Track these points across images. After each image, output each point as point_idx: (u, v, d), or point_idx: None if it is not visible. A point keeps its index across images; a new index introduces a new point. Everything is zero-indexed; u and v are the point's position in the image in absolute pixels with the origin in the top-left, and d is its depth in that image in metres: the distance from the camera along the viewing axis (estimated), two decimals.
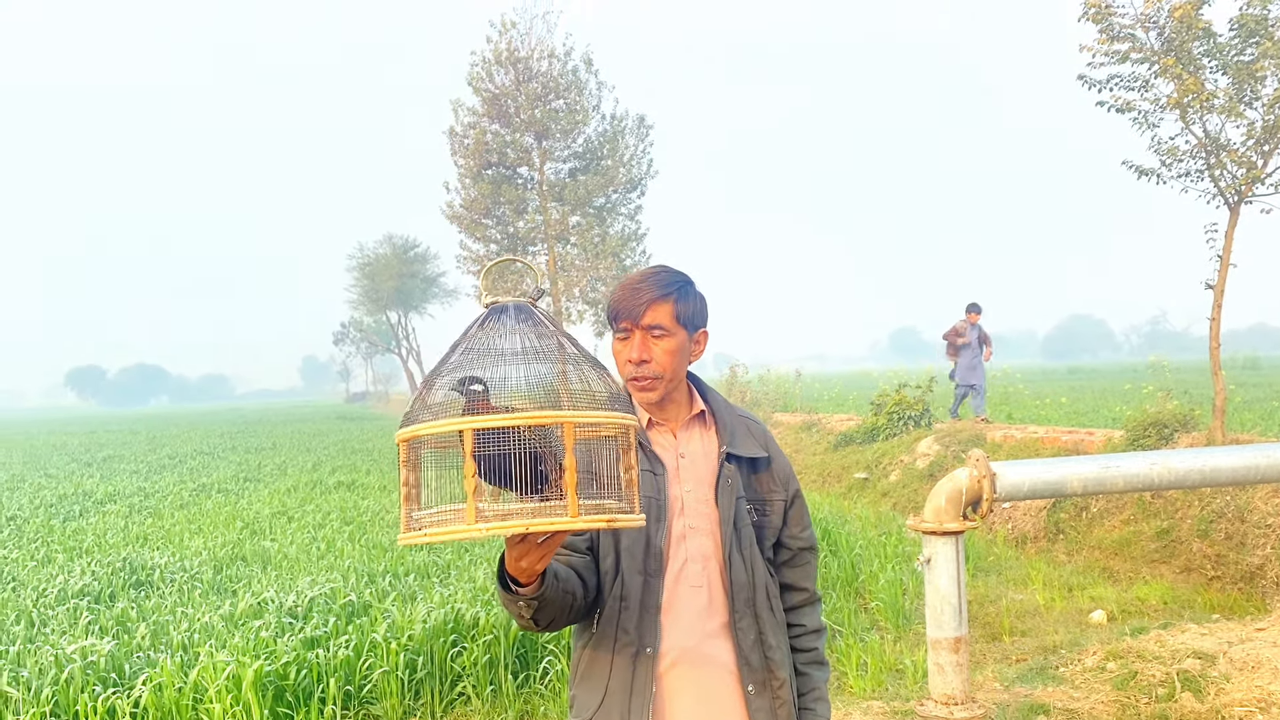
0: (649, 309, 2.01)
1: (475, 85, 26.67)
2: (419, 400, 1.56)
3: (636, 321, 2.01)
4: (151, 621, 6.59)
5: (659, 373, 2.03)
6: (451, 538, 1.45)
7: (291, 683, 5.25)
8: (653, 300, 2.01)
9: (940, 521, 3.77)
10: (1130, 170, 8.90)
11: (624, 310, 2.02)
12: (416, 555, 8.70)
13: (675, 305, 2.03)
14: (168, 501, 14.55)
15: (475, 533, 1.42)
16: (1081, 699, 4.87)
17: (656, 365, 2.02)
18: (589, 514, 1.49)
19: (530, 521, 1.44)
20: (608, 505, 1.56)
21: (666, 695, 1.99)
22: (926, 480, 12.12)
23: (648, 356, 2.01)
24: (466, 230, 27.31)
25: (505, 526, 1.44)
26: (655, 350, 2.02)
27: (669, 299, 2.03)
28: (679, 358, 2.06)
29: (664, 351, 2.02)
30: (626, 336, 2.04)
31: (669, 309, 2.02)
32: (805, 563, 2.22)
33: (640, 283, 2.04)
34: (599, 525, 1.50)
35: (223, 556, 9.44)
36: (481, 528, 1.43)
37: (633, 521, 1.56)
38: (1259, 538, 7.23)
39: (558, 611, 1.88)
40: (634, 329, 2.02)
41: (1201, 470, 3.94)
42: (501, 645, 5.63)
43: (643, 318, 2.01)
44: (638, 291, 2.02)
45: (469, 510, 1.44)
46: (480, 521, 1.44)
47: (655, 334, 2.02)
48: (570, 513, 1.45)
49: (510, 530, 1.44)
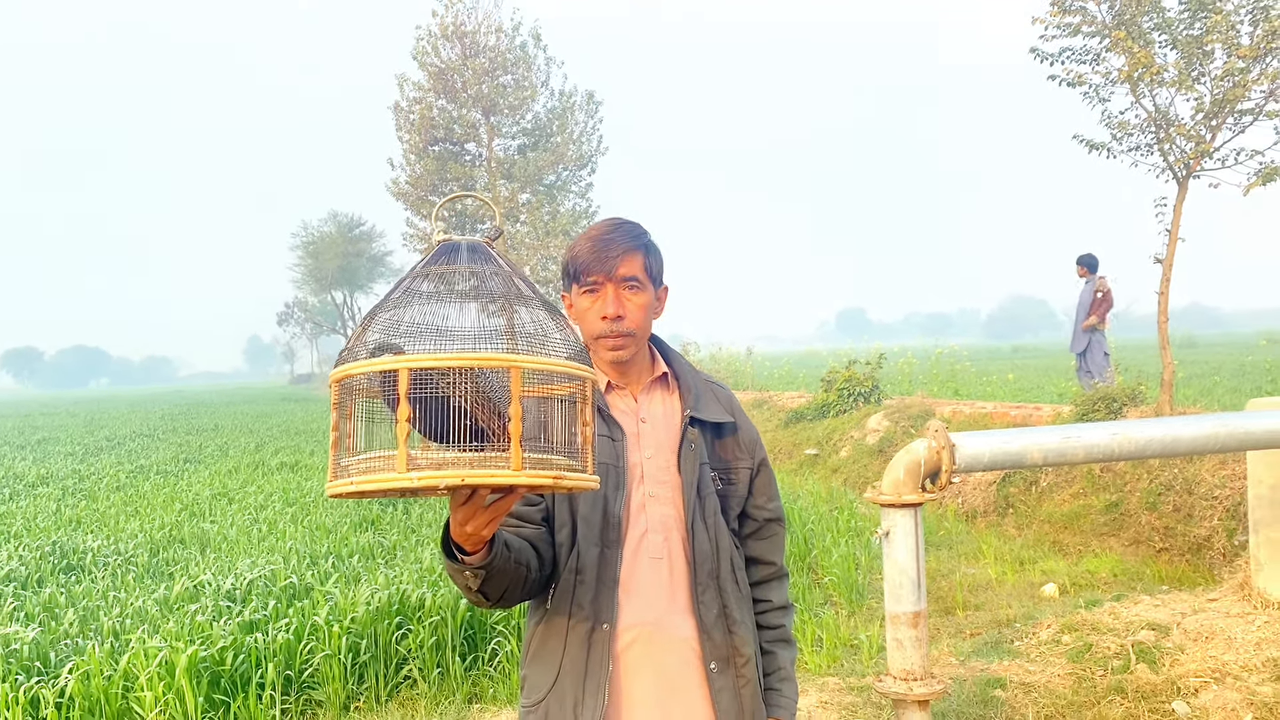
0: (623, 260, 1.86)
1: (421, 60, 26.22)
2: (356, 339, 1.40)
3: (610, 274, 1.86)
4: (81, 607, 6.32)
5: (632, 329, 1.88)
6: (381, 486, 1.29)
7: (228, 668, 5.05)
8: (626, 251, 1.87)
9: (899, 493, 3.66)
10: (1081, 144, 8.90)
11: (594, 263, 1.86)
12: (361, 536, 8.49)
13: (646, 258, 1.90)
14: (104, 484, 14.12)
15: (406, 481, 1.27)
16: (1038, 672, 4.83)
17: (631, 321, 1.88)
18: (534, 468, 1.33)
19: (467, 472, 1.28)
20: (555, 461, 1.39)
21: (624, 674, 1.84)
22: (877, 456, 12.14)
23: (623, 311, 1.86)
24: (413, 207, 26.92)
25: (439, 476, 1.27)
26: (629, 305, 1.87)
27: (640, 250, 1.89)
28: (649, 313, 1.93)
29: (637, 306, 1.88)
30: (596, 290, 1.88)
31: (640, 260, 1.89)
32: (772, 535, 2.09)
33: (609, 233, 1.89)
34: (543, 481, 1.33)
35: (160, 539, 9.15)
36: (413, 476, 1.27)
37: (583, 482, 1.40)
38: (1206, 509, 7.28)
39: (509, 583, 1.72)
40: (606, 282, 1.87)
41: (1163, 440, 3.89)
42: (449, 627, 5.47)
43: (617, 269, 1.86)
44: (609, 243, 1.87)
45: (400, 457, 1.28)
46: (413, 470, 1.28)
47: (630, 286, 1.87)
48: (513, 465, 1.30)
49: (445, 480, 1.28)
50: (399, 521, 9.42)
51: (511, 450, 1.30)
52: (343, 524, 9.33)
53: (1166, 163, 8.61)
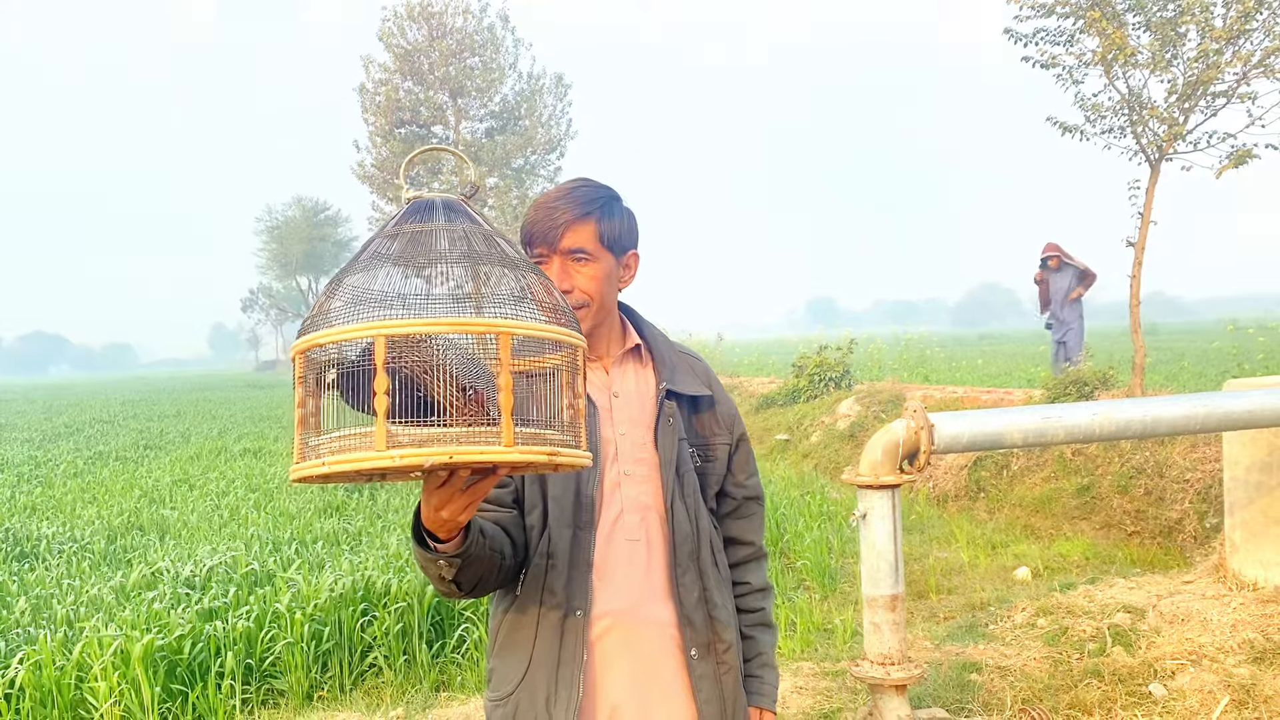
0: (567, 231, 1.72)
1: (386, 41, 25.84)
2: (319, 307, 1.26)
3: (554, 247, 1.73)
4: (33, 596, 6.13)
5: (583, 300, 1.74)
6: (357, 467, 1.14)
7: (186, 657, 4.89)
8: (571, 221, 1.73)
9: (876, 475, 3.57)
10: (1054, 126, 8.86)
11: (539, 233, 1.73)
12: (324, 521, 8.33)
13: (599, 225, 1.75)
14: (60, 470, 13.82)
15: (386, 460, 1.12)
16: (1014, 655, 4.78)
17: (581, 293, 1.74)
18: (527, 443, 1.20)
19: (455, 449, 1.14)
20: (548, 436, 1.25)
21: (599, 664, 1.72)
22: (848, 441, 12.10)
23: (568, 286, 1.72)
24: (378, 191, 26.56)
25: (425, 453, 1.13)
26: (578, 278, 1.73)
27: (590, 218, 1.74)
28: (606, 284, 1.78)
29: (588, 278, 1.74)
30: (543, 262, 1.74)
31: (591, 230, 1.74)
32: (751, 514, 1.98)
33: (557, 200, 1.75)
34: (538, 459, 1.21)
35: (117, 526, 8.93)
36: (395, 454, 1.12)
37: (579, 459, 1.28)
38: (1177, 492, 7.28)
39: (484, 572, 1.60)
40: (551, 255, 1.74)
41: (1143, 420, 3.83)
42: (415, 613, 5.33)
43: (560, 241, 1.72)
44: (554, 211, 1.73)
45: (379, 433, 1.13)
46: (394, 448, 1.13)
47: (577, 259, 1.74)
48: (504, 441, 1.16)
49: (430, 459, 1.14)
50: (364, 507, 9.26)
51: (503, 425, 1.16)
52: (306, 510, 9.15)
53: (1139, 145, 8.59)
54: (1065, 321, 11.68)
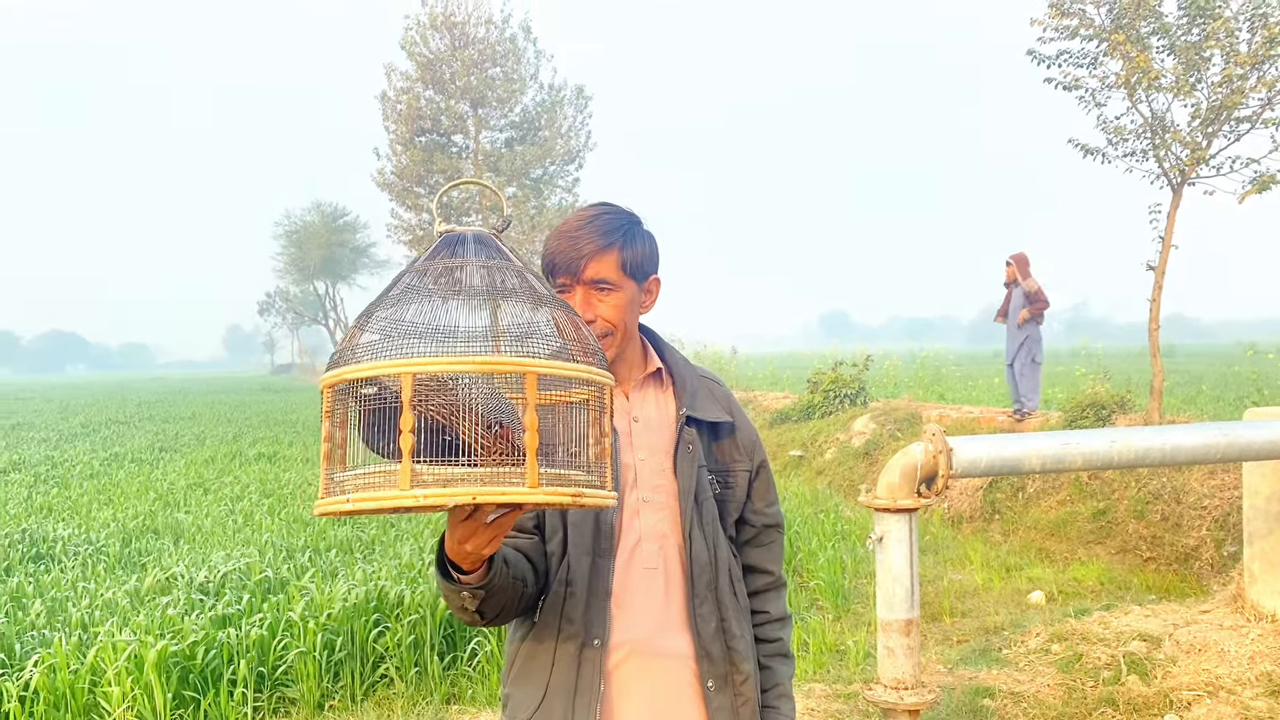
0: (590, 261, 1.72)
1: (409, 49, 26.02)
2: (349, 340, 1.27)
3: (577, 277, 1.73)
4: (49, 598, 6.16)
5: (607, 329, 1.74)
6: (382, 506, 1.15)
7: (199, 664, 4.91)
8: (595, 251, 1.72)
9: (894, 498, 3.56)
10: (1076, 148, 8.83)
11: (562, 263, 1.73)
12: (338, 529, 8.35)
13: (621, 254, 1.74)
14: (76, 471, 13.89)
15: (410, 500, 1.14)
16: (1027, 681, 4.75)
17: (604, 322, 1.74)
18: (551, 484, 1.20)
19: (479, 490, 1.15)
20: (573, 477, 1.26)
21: (616, 694, 1.72)
22: (862, 458, 12.06)
23: (592, 315, 1.72)
24: (398, 199, 26.70)
25: (448, 494, 1.14)
26: (601, 308, 1.73)
27: (613, 248, 1.74)
28: (629, 312, 1.78)
29: (611, 307, 1.74)
30: (566, 292, 1.75)
31: (613, 260, 1.74)
32: (770, 542, 1.96)
33: (580, 229, 1.74)
34: (562, 501, 1.21)
35: (132, 529, 8.97)
36: (419, 494, 1.13)
37: (603, 499, 1.28)
38: (1195, 519, 7.23)
39: (507, 601, 1.61)
40: (574, 284, 1.73)
41: (1162, 449, 3.80)
42: (427, 625, 5.34)
43: (584, 271, 1.72)
44: (576, 241, 1.73)
45: (404, 472, 1.14)
46: (417, 487, 1.14)
47: (600, 288, 1.73)
48: (529, 482, 1.17)
49: (454, 499, 1.14)
50: (378, 516, 9.27)
51: (527, 465, 1.17)
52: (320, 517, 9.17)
53: (1161, 169, 8.55)
54: (1011, 344, 10.54)
